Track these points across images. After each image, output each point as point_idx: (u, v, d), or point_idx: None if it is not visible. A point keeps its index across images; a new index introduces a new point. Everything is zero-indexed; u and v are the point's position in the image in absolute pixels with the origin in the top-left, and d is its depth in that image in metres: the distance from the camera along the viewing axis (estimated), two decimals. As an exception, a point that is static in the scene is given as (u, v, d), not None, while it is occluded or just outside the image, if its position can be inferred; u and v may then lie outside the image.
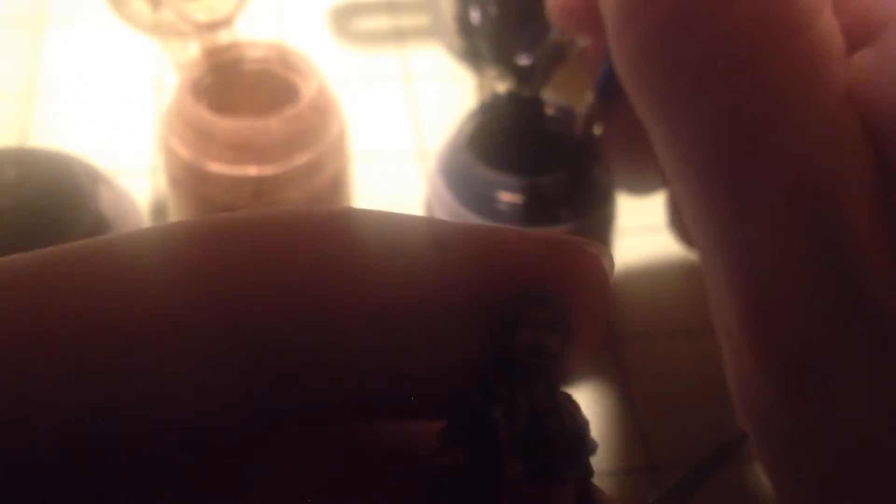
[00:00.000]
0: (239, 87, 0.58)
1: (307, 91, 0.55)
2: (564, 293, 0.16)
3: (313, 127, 0.55)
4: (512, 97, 0.54)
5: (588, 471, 0.16)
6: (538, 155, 0.53)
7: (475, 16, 0.52)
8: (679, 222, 0.41)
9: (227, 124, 0.53)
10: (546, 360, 0.15)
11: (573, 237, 0.17)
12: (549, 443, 0.15)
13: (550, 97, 0.55)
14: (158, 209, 0.61)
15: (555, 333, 0.16)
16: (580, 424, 0.16)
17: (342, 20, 0.76)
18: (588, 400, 0.52)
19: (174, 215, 0.57)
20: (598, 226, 0.52)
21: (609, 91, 0.41)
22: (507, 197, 0.50)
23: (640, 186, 0.46)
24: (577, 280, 0.16)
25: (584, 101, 0.46)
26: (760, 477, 0.46)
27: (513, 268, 0.16)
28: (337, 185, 0.56)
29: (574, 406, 0.16)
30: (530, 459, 0.15)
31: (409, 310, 0.15)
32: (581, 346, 0.17)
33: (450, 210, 0.51)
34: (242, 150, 0.53)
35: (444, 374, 0.16)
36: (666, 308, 0.57)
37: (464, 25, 0.53)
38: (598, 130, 0.48)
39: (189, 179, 0.55)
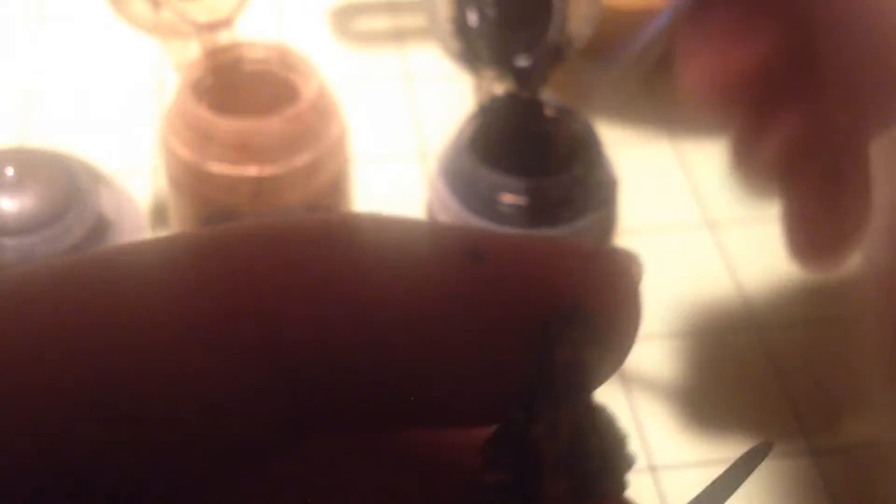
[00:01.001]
0: (239, 87, 0.58)
1: (307, 91, 0.56)
2: (598, 305, 0.16)
3: (313, 127, 0.55)
4: (511, 98, 0.54)
5: (625, 485, 0.16)
6: (539, 156, 0.53)
7: (472, 17, 0.52)
8: (799, 240, 0.32)
9: (227, 125, 0.53)
10: (585, 377, 0.16)
11: (607, 247, 0.17)
12: (590, 460, 0.16)
13: (550, 98, 0.55)
14: (159, 209, 0.61)
15: (592, 350, 0.16)
16: (619, 439, 0.16)
17: (342, 20, 0.76)
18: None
19: (174, 216, 0.57)
20: (600, 226, 0.52)
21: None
22: (508, 198, 0.50)
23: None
24: (612, 292, 0.16)
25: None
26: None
27: (549, 279, 0.16)
28: (337, 185, 0.56)
29: (611, 420, 0.16)
30: (573, 477, 0.15)
31: (442, 320, 0.15)
32: (613, 356, 0.16)
33: (452, 212, 0.51)
34: (243, 150, 0.54)
35: (478, 384, 0.16)
36: (667, 308, 0.57)
37: (460, 27, 0.53)
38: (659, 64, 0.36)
39: (189, 180, 0.55)
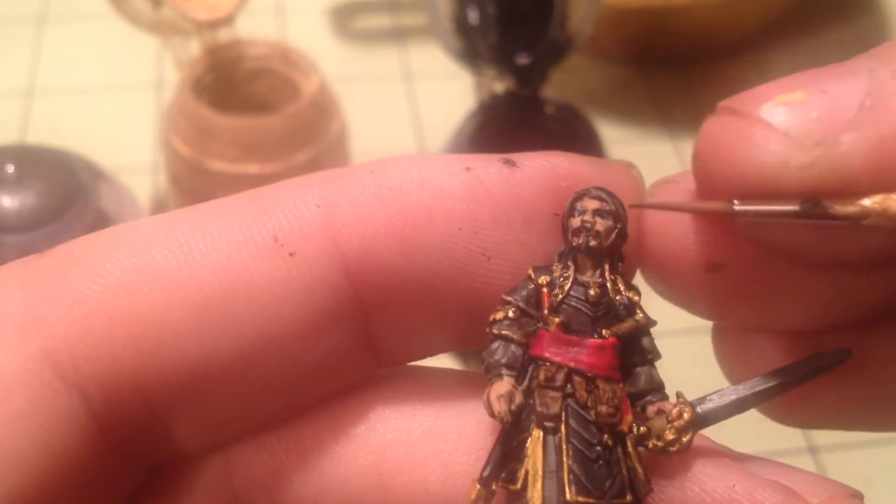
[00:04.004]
0: (239, 85, 0.58)
1: (308, 89, 0.56)
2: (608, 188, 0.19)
3: (314, 125, 0.55)
4: (511, 96, 0.54)
5: (625, 336, 0.19)
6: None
7: (473, 16, 0.52)
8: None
9: (227, 122, 0.54)
10: (594, 240, 0.19)
11: (614, 159, 0.21)
12: (592, 307, 0.19)
13: (550, 95, 0.55)
14: (159, 206, 0.61)
15: (605, 220, 0.19)
16: (626, 299, 0.19)
17: (343, 19, 0.76)
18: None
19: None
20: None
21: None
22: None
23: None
24: (618, 189, 0.19)
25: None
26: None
27: (567, 175, 0.19)
28: (337, 183, 0.56)
29: (628, 286, 0.19)
30: (567, 317, 0.18)
31: (490, 215, 0.19)
32: (621, 229, 0.19)
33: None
34: (243, 147, 0.54)
35: (516, 266, 0.19)
36: (666, 308, 0.57)
37: (461, 25, 0.53)
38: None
39: (189, 177, 0.55)
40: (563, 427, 0.18)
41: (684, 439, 0.19)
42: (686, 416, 0.19)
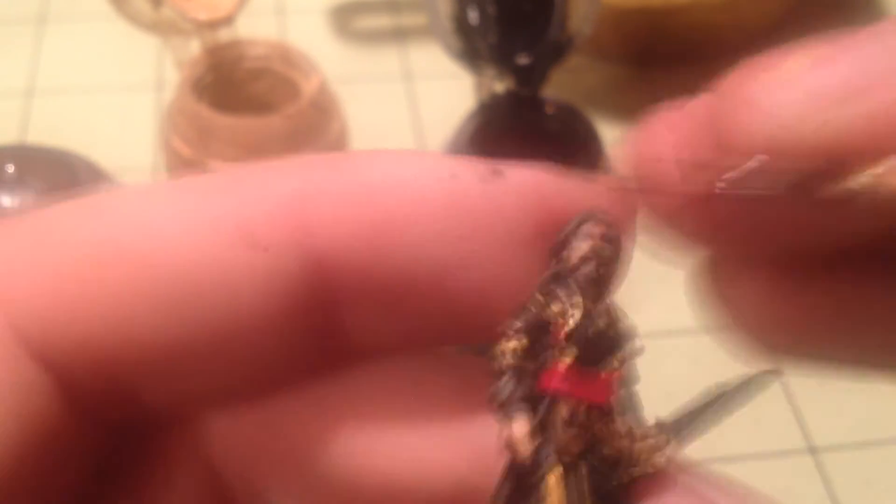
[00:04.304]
0: (240, 85, 0.58)
1: (308, 89, 0.56)
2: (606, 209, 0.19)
3: (314, 125, 0.55)
4: (511, 96, 0.54)
5: (625, 366, 0.18)
6: (540, 154, 0.53)
7: (473, 15, 0.52)
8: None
9: (227, 122, 0.53)
10: (602, 267, 0.18)
11: (605, 176, 0.20)
12: (599, 337, 0.18)
13: (550, 96, 0.55)
14: (159, 207, 0.61)
15: (609, 245, 0.18)
16: (625, 329, 0.18)
17: (343, 19, 0.76)
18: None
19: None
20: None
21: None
22: (506, 195, 0.50)
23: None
24: (611, 208, 0.19)
25: None
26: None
27: (558, 192, 0.19)
28: (337, 183, 0.56)
29: (620, 313, 0.19)
30: (581, 349, 0.18)
31: (470, 228, 0.18)
32: (622, 256, 0.19)
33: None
34: (243, 147, 0.54)
35: (501, 289, 0.18)
36: (666, 308, 0.57)
37: (461, 25, 0.53)
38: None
39: (189, 177, 0.55)
40: (582, 463, 0.18)
41: (661, 462, 0.18)
42: (665, 439, 0.19)
